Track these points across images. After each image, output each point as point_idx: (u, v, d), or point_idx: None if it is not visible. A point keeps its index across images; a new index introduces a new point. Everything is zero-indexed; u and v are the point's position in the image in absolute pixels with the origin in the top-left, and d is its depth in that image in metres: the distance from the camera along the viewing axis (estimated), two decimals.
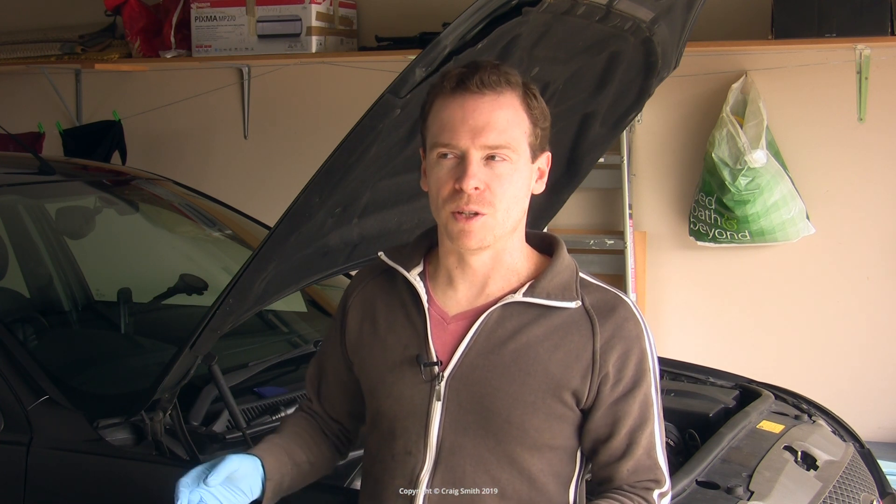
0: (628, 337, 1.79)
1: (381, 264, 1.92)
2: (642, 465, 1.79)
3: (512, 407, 1.76)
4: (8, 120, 4.22)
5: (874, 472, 2.72)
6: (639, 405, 1.79)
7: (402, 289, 1.88)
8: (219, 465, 1.79)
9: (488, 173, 1.74)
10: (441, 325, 1.83)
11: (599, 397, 1.78)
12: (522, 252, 1.86)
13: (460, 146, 1.74)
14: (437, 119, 1.77)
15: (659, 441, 1.81)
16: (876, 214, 4.38)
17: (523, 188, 1.79)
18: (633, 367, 1.79)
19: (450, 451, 1.79)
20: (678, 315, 4.68)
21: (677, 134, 4.63)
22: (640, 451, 1.79)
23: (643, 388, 1.79)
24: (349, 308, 1.95)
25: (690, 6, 2.57)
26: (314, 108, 5.22)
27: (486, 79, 1.73)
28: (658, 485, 1.80)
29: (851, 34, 4.09)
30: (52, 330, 3.08)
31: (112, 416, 2.29)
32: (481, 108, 1.74)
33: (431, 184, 1.79)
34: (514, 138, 1.75)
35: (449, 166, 1.75)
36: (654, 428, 1.80)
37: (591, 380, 1.77)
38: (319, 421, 2.02)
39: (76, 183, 3.45)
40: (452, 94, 1.75)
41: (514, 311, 1.81)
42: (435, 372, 1.80)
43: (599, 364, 1.77)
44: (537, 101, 1.79)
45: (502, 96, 1.75)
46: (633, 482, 1.79)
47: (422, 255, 1.90)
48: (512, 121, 1.75)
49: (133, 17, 5.13)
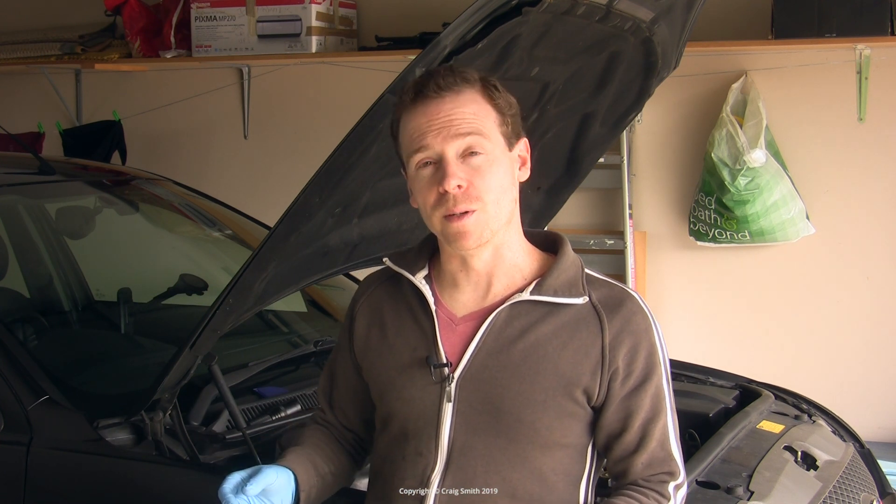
0: (637, 331, 1.79)
1: (387, 271, 1.93)
2: (656, 458, 1.79)
3: (523, 406, 1.77)
4: (8, 120, 4.21)
5: (874, 472, 2.72)
6: (650, 398, 1.79)
7: (408, 293, 1.89)
8: (257, 476, 1.78)
9: (467, 170, 1.75)
10: (449, 327, 1.84)
11: (611, 393, 1.78)
12: (523, 248, 1.87)
13: (434, 148, 1.75)
14: (406, 132, 1.78)
15: (672, 433, 1.81)
16: (876, 214, 4.38)
17: (507, 177, 1.79)
18: (642, 361, 1.79)
19: (461, 451, 1.79)
20: (678, 315, 4.68)
21: (677, 134, 4.63)
22: (654, 444, 1.79)
23: (654, 380, 1.79)
24: (356, 314, 1.95)
25: (690, 6, 2.57)
26: (314, 108, 5.22)
27: (442, 82, 1.75)
28: (672, 477, 1.80)
29: (851, 34, 4.09)
30: (52, 330, 3.08)
31: (112, 416, 2.29)
32: (443, 108, 1.75)
33: (417, 195, 1.80)
34: (483, 128, 1.76)
35: (429, 174, 1.77)
36: (668, 420, 1.81)
37: (601, 376, 1.78)
38: (334, 431, 2.02)
39: (76, 183, 3.45)
40: (413, 105, 1.77)
41: (522, 309, 1.81)
42: (445, 373, 1.81)
43: (609, 359, 1.78)
44: (499, 92, 1.80)
45: (462, 94, 1.76)
46: (648, 476, 1.79)
47: (426, 259, 1.90)
48: (478, 113, 1.76)
49: (133, 17, 5.13)
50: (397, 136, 1.81)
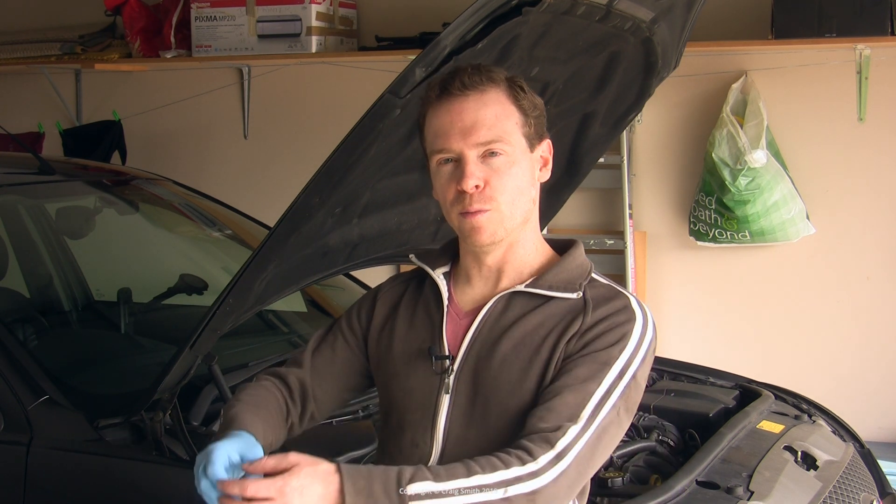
0: (615, 321, 1.78)
1: (417, 272, 1.97)
2: (554, 415, 1.68)
3: (509, 397, 1.78)
4: (8, 120, 4.22)
5: (874, 472, 2.72)
6: (587, 370, 1.72)
7: (427, 289, 1.93)
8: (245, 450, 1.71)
9: (486, 170, 1.77)
10: (455, 321, 1.87)
11: (564, 362, 1.75)
12: (537, 248, 1.89)
13: (454, 149, 1.78)
14: (431, 128, 1.81)
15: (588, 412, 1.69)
16: (876, 214, 4.38)
17: (525, 179, 1.81)
18: (603, 341, 1.75)
19: (455, 443, 1.80)
20: (678, 315, 4.68)
21: (677, 134, 4.63)
22: (561, 406, 1.69)
23: (601, 358, 1.73)
24: (379, 298, 1.98)
25: (690, 6, 2.57)
26: (314, 108, 5.22)
27: (467, 80, 1.77)
28: (554, 438, 1.66)
29: (851, 34, 4.09)
30: (52, 330, 3.08)
31: (112, 416, 2.29)
32: (467, 108, 1.77)
33: (438, 191, 1.84)
34: (505, 131, 1.78)
35: (449, 171, 1.80)
36: (591, 399, 1.69)
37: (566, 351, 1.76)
38: (286, 393, 1.95)
39: (76, 183, 3.45)
40: (439, 102, 1.80)
41: (518, 301, 1.84)
42: (445, 365, 1.83)
43: (577, 338, 1.76)
44: (524, 93, 1.81)
45: (486, 94, 1.78)
46: (531, 434, 1.68)
47: (449, 258, 1.94)
48: (500, 115, 1.78)
49: (133, 17, 5.13)
50: (423, 129, 1.84)
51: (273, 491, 1.60)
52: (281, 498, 1.59)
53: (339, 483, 1.62)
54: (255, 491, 1.60)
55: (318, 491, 1.60)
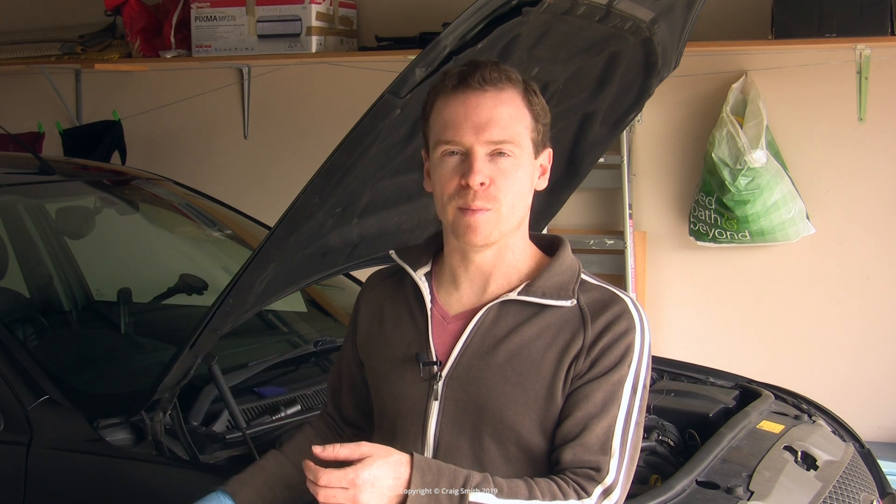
0: (617, 331, 1.77)
1: (394, 267, 1.95)
2: (589, 452, 1.72)
3: (505, 407, 1.77)
4: (8, 120, 4.22)
5: (874, 472, 2.72)
6: (603, 393, 1.74)
7: (408, 289, 1.90)
8: None
9: (493, 169, 1.75)
10: (441, 325, 1.84)
11: (575, 382, 1.76)
12: (525, 251, 1.87)
13: (464, 143, 1.75)
14: (440, 117, 1.78)
15: (618, 438, 1.73)
16: (876, 214, 4.38)
17: (527, 184, 1.80)
18: (611, 357, 1.76)
19: (446, 450, 1.79)
20: (678, 315, 4.68)
21: (677, 134, 4.63)
22: (592, 440, 1.72)
23: (614, 378, 1.75)
24: (361, 307, 1.98)
25: (690, 6, 2.57)
26: (314, 108, 5.22)
27: (488, 76, 1.75)
28: (600, 476, 1.71)
29: (851, 34, 4.09)
30: (52, 330, 3.08)
31: (112, 416, 2.29)
32: (483, 104, 1.75)
33: (436, 182, 1.80)
34: (516, 133, 1.76)
35: (454, 163, 1.77)
36: (616, 423, 1.74)
37: (574, 372, 1.76)
38: (332, 425, 2.04)
39: (76, 183, 3.45)
40: (454, 92, 1.77)
41: (510, 309, 1.81)
42: (433, 371, 1.81)
43: (584, 356, 1.76)
44: (538, 98, 1.81)
45: (504, 92, 1.76)
46: (575, 468, 1.72)
47: (430, 257, 1.91)
48: (514, 116, 1.77)
49: (133, 17, 5.13)
50: (429, 116, 1.81)
51: (345, 482, 1.62)
52: (353, 489, 1.62)
53: (408, 474, 1.65)
54: (328, 480, 1.62)
55: (389, 483, 1.63)
